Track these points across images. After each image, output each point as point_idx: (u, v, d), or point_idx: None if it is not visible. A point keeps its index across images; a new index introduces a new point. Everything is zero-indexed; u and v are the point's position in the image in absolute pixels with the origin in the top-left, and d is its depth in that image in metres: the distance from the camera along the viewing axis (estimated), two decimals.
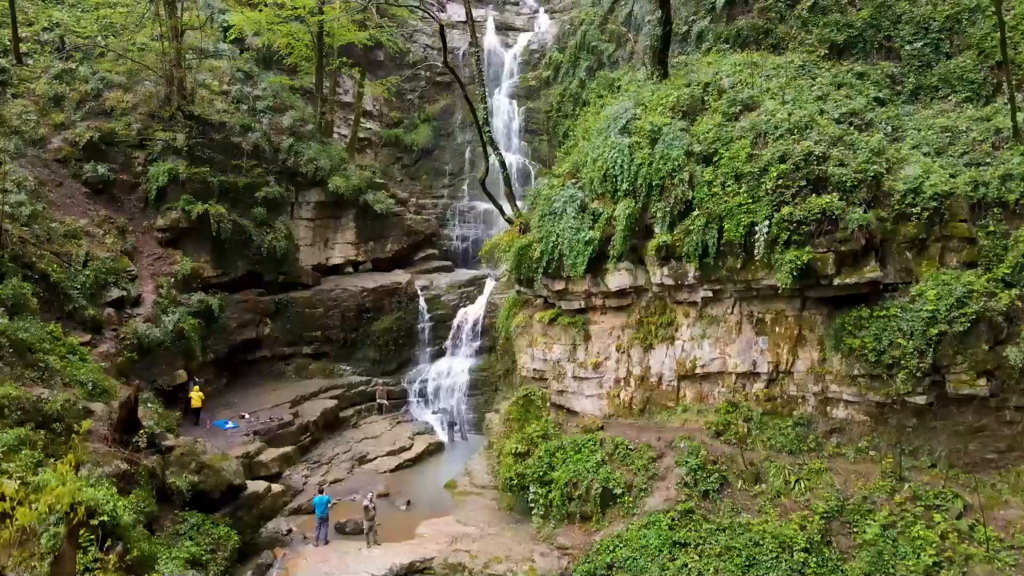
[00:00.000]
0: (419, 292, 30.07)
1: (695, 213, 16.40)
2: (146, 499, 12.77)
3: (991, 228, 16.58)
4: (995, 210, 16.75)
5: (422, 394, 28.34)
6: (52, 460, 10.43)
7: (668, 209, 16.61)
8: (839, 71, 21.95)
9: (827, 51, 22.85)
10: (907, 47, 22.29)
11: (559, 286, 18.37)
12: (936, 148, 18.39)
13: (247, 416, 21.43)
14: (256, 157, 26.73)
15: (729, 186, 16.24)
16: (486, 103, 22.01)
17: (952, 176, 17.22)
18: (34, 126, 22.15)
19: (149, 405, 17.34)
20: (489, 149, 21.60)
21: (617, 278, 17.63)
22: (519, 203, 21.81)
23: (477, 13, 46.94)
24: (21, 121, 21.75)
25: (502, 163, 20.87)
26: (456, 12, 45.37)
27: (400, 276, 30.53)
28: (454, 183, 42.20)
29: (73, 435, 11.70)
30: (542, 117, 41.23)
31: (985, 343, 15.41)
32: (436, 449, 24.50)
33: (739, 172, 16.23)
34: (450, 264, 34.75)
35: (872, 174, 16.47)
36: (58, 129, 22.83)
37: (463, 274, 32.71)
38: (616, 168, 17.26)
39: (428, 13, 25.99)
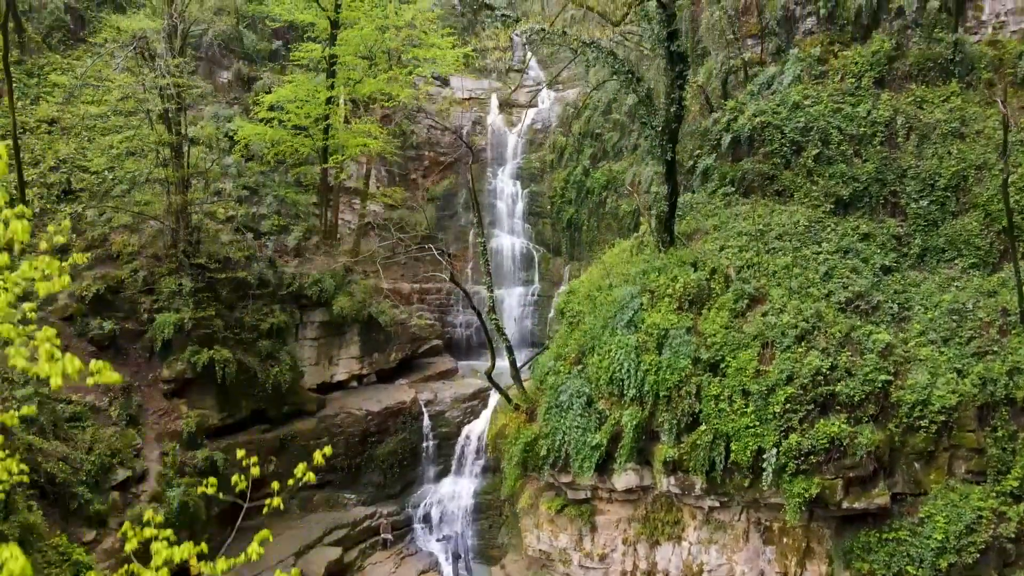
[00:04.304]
0: (423, 409, 30.04)
1: (702, 428, 16.38)
2: None
3: (999, 432, 16.57)
4: (1003, 410, 16.76)
5: (426, 519, 28.28)
6: None
7: (675, 421, 16.59)
8: (845, 230, 21.91)
9: (833, 205, 22.86)
10: (913, 204, 22.27)
11: (566, 479, 18.35)
12: (943, 335, 18.35)
13: None
14: (261, 287, 26.74)
15: (736, 402, 16.21)
16: (492, 293, 21.94)
17: (959, 372, 17.22)
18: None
19: None
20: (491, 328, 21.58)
21: (624, 479, 17.61)
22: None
23: (479, 86, 47.12)
24: (28, 283, 21.71)
25: (509, 348, 20.89)
26: (457, 86, 45.43)
27: (404, 392, 30.50)
28: (457, 265, 42.26)
29: None
30: (546, 201, 41.25)
31: (994, 569, 15.38)
32: None
33: (746, 388, 16.21)
34: (453, 367, 34.70)
35: (880, 384, 16.44)
36: None
37: (468, 385, 32.60)
38: (623, 372, 17.25)
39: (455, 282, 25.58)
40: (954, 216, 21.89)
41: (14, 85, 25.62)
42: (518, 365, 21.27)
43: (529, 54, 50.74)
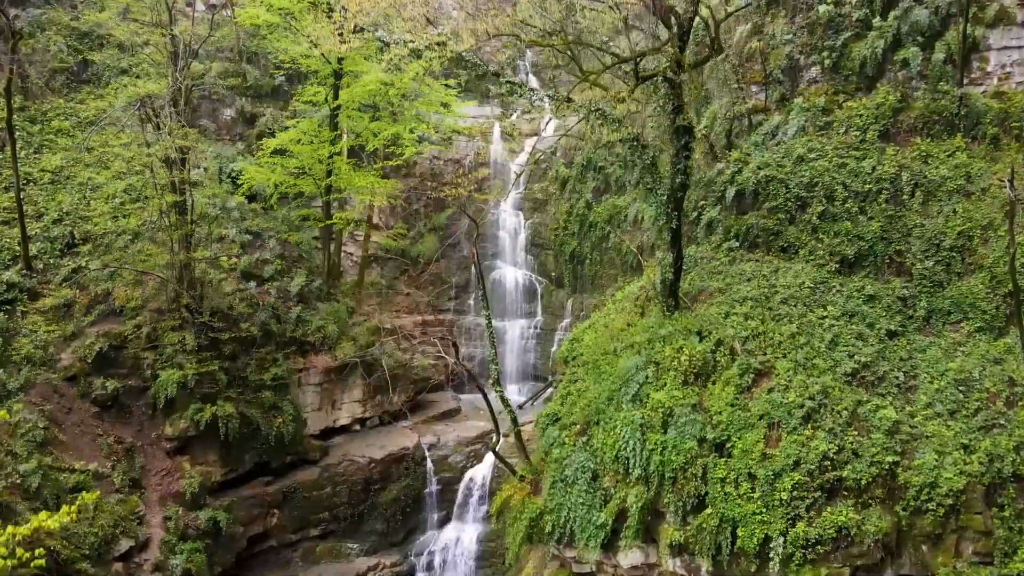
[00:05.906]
0: (426, 454, 29.98)
1: (708, 511, 16.32)
2: None
3: (1006, 511, 16.45)
4: (1010, 487, 16.65)
5: (429, 567, 28.22)
6: None
7: (681, 503, 16.53)
8: (850, 291, 21.78)
9: (838, 264, 22.75)
10: (918, 264, 22.15)
11: (571, 554, 18.30)
12: (949, 408, 18.24)
13: None
14: (265, 337, 26.67)
15: (742, 486, 16.15)
16: (497, 365, 21.91)
17: (966, 448, 17.12)
18: (44, 345, 22.11)
19: None
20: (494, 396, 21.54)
21: (630, 557, 17.55)
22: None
23: (481, 112, 46.97)
24: (33, 346, 21.71)
25: (514, 419, 20.83)
26: (459, 111, 45.28)
27: (407, 437, 30.41)
28: (460, 296, 42.26)
29: None
30: (549, 232, 41.15)
31: None
32: None
33: (752, 471, 16.16)
34: (456, 406, 34.58)
35: (887, 466, 16.37)
36: (68, 341, 22.79)
37: (471, 427, 32.47)
38: (628, 450, 17.20)
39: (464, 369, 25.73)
40: (960, 277, 21.76)
41: (17, 135, 25.61)
42: (522, 402, 21.10)
43: (533, 79, 50.69)
